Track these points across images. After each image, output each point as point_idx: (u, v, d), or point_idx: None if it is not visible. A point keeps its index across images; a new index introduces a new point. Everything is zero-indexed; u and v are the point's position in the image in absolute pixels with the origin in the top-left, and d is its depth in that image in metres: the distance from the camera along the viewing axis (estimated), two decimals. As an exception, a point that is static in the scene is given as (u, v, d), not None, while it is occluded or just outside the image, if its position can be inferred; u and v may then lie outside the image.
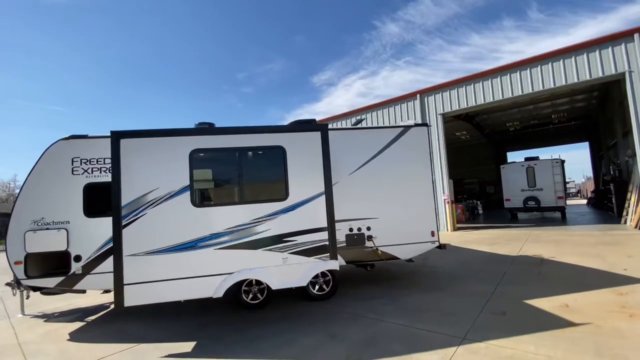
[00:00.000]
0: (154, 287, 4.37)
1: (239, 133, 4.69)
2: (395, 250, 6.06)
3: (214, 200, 4.61)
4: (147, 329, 4.99)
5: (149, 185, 4.48)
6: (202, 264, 4.47)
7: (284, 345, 4.09)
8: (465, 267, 7.57)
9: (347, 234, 5.91)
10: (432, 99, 14.93)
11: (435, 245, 6.24)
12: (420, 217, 6.23)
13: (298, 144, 4.84)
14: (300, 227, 4.74)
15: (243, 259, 4.55)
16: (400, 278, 6.64)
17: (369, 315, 4.84)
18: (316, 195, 4.80)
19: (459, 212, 17.78)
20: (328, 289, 5.71)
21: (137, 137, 4.52)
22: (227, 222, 4.57)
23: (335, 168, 5.94)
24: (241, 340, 4.32)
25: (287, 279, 4.65)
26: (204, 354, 4.04)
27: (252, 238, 4.60)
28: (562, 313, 4.43)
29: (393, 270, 7.36)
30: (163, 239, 4.43)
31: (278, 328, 4.61)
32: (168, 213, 4.48)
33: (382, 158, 6.15)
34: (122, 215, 4.37)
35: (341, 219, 5.90)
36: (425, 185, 6.29)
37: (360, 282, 6.66)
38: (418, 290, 5.90)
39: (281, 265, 4.63)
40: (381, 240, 6.02)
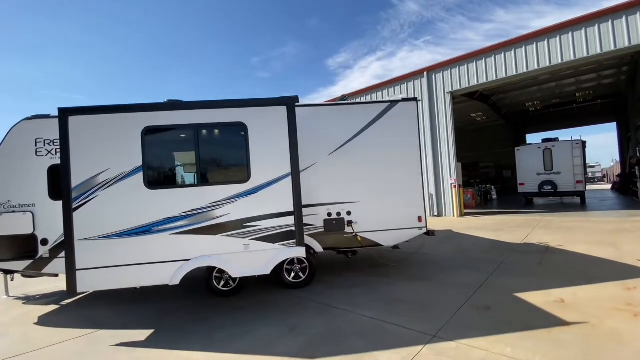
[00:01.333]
0: (107, 272, 4.14)
1: (195, 108, 4.29)
2: (378, 236, 5.61)
3: (169, 182, 4.28)
4: (114, 314, 4.84)
5: (99, 166, 4.19)
6: (157, 250, 4.20)
7: (240, 336, 3.80)
8: (461, 255, 7.04)
9: (326, 219, 5.50)
10: (440, 76, 13.96)
11: (423, 231, 5.74)
12: (406, 201, 5.72)
13: (261, 120, 4.40)
14: (263, 211, 4.36)
15: (201, 245, 4.24)
16: (387, 266, 6.22)
17: (341, 306, 4.48)
18: (281, 177, 4.38)
19: (469, 197, 16.97)
20: (304, 276, 5.37)
21: (87, 114, 4.21)
22: (183, 205, 4.24)
23: (313, 148, 5.49)
24: (200, 330, 4.07)
25: (248, 267, 4.33)
26: (156, 343, 3.82)
27: (210, 223, 4.27)
28: (555, 309, 3.91)
29: (384, 256, 6.93)
30: (116, 223, 4.17)
31: (241, 318, 4.33)
32: (120, 195, 4.19)
33: (365, 137, 5.62)
34: (72, 197, 4.12)
35: (319, 202, 5.50)
36: (412, 167, 5.74)
37: (343, 269, 6.29)
38: (402, 279, 5.47)
39: (242, 252, 4.30)
40: (363, 225, 5.58)
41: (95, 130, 4.22)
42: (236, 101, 4.33)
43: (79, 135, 4.19)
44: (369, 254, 6.69)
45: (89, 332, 4.26)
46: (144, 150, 4.23)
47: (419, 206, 5.72)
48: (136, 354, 3.57)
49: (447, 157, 13.83)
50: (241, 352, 3.44)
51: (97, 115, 4.22)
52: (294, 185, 4.37)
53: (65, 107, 4.18)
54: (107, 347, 3.81)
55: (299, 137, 5.44)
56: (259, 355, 3.36)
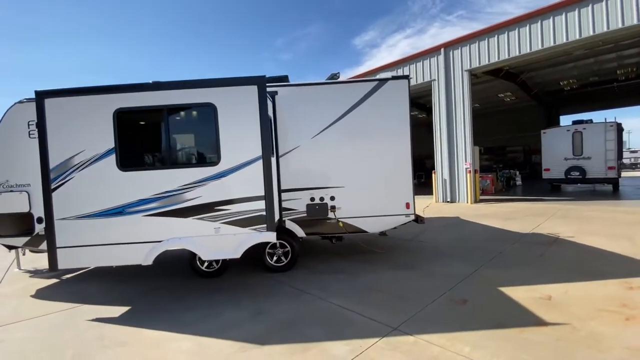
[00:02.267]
0: (85, 251, 4.28)
1: (164, 89, 4.20)
2: (363, 222, 5.41)
3: (141, 164, 4.29)
4: (103, 290, 5.04)
5: (75, 148, 4.26)
6: (130, 231, 4.27)
7: (208, 318, 3.84)
8: (459, 243, 6.69)
9: (308, 203, 5.36)
10: (458, 53, 12.99)
11: (410, 218, 5.46)
12: (393, 186, 5.43)
13: (231, 101, 4.24)
14: (234, 195, 4.28)
15: (172, 227, 4.26)
16: (376, 253, 6.02)
17: (314, 292, 4.39)
18: (252, 161, 4.25)
19: (488, 182, 16.12)
20: (286, 260, 5.32)
21: (62, 96, 4.25)
22: (155, 187, 4.25)
23: (296, 130, 5.30)
24: (173, 309, 4.15)
25: (219, 250, 4.31)
26: (127, 320, 3.94)
27: (181, 205, 4.26)
28: (537, 307, 3.59)
29: (374, 243, 6.73)
30: (92, 204, 4.26)
31: (216, 299, 4.37)
32: (95, 177, 4.26)
33: (351, 118, 5.33)
34: (50, 178, 4.24)
35: (302, 187, 5.36)
36: (401, 150, 5.40)
37: (330, 255, 6.17)
38: (387, 268, 5.27)
39: (213, 235, 4.28)
40: (347, 211, 5.38)
41: (70, 112, 4.26)
42: (205, 81, 4.19)
43: (55, 117, 4.25)
44: (356, 241, 6.52)
45: (74, 306, 4.47)
46: (116, 132, 4.24)
47: (407, 192, 5.41)
48: (104, 330, 3.69)
49: (463, 140, 13.07)
50: (200, 333, 3.46)
51: (71, 97, 4.25)
52: (265, 168, 4.23)
53: (41, 90, 4.25)
54: (83, 321, 3.97)
55: (281, 119, 5.27)
56: (215, 338, 3.36)
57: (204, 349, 3.16)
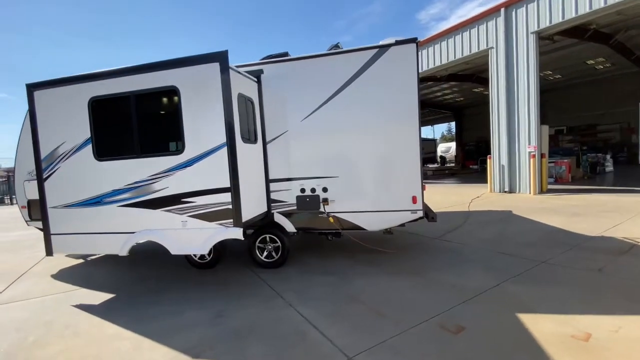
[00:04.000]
0: (74, 239, 4.42)
1: (129, 74, 3.98)
2: (360, 218, 4.67)
3: (113, 154, 4.19)
4: (104, 275, 5.22)
5: (59, 138, 4.34)
6: (108, 221, 4.26)
7: (165, 316, 3.66)
8: (492, 245, 5.48)
9: (298, 195, 4.80)
10: (522, 11, 10.68)
11: (418, 215, 4.53)
12: (397, 177, 4.54)
13: (193, 83, 3.84)
14: (199, 186, 3.94)
15: (143, 219, 4.12)
16: (385, 253, 5.21)
17: (288, 297, 3.90)
18: (216, 148, 3.83)
19: (563, 168, 13.47)
20: (277, 256, 4.90)
21: (47, 87, 4.33)
22: (127, 177, 4.13)
23: (283, 112, 4.73)
24: (147, 302, 4.07)
25: (187, 245, 4.05)
26: (98, 310, 3.94)
27: (150, 197, 4.08)
28: (561, 352, 2.56)
29: (393, 240, 5.90)
30: (75, 194, 4.34)
31: (187, 294, 4.18)
32: (76, 167, 4.31)
33: (346, 95, 4.54)
34: (42, 168, 4.41)
35: (291, 177, 4.82)
36: (407, 133, 4.45)
37: (333, 251, 5.56)
38: (388, 273, 4.50)
39: (180, 229, 4.03)
40: (341, 205, 4.69)
41: (54, 103, 4.34)
42: (165, 62, 3.85)
43: (43, 108, 4.37)
44: (368, 236, 5.75)
45: (73, 289, 4.69)
46: (91, 122, 4.19)
47: (414, 184, 4.47)
48: (75, 318, 3.73)
49: (526, 119, 10.93)
50: (148, 334, 3.26)
51: (55, 87, 4.31)
52: (230, 157, 3.78)
53: (31, 82, 4.38)
54: (67, 307, 4.10)
55: (268, 101, 4.74)
56: (156, 341, 3.12)
57: (135, 355, 2.92)
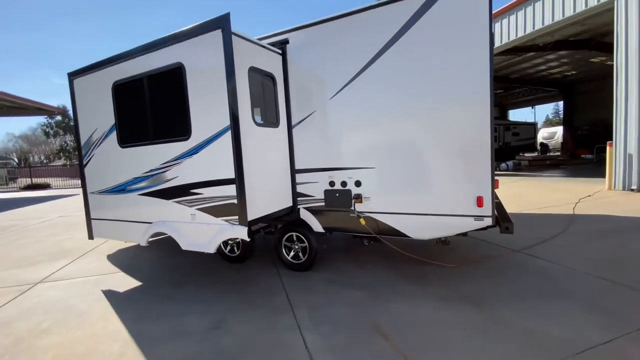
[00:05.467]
0: (108, 225, 4.50)
1: (141, 53, 3.68)
2: (400, 222, 3.64)
3: (132, 140, 4.00)
4: (147, 261, 5.20)
5: (93, 125, 4.40)
6: (131, 209, 4.17)
7: (166, 318, 3.33)
8: (606, 270, 3.80)
9: (327, 189, 4.01)
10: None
11: (485, 223, 3.27)
12: (454, 170, 3.34)
13: (197, 56, 3.32)
14: (205, 176, 3.46)
15: (159, 209, 3.88)
16: (443, 266, 4.06)
17: (300, 315, 3.23)
18: (220, 133, 3.27)
19: None
20: (304, 258, 4.26)
21: (83, 75, 4.40)
22: (144, 165, 3.93)
23: (309, 89, 3.96)
24: (161, 296, 3.87)
25: (195, 241, 3.65)
26: (117, 300, 3.86)
27: (164, 186, 3.80)
28: None
29: (456, 249, 4.67)
30: (105, 180, 4.37)
31: (198, 293, 3.84)
32: (106, 154, 4.31)
33: (386, 62, 3.50)
34: (82, 154, 4.56)
35: (319, 167, 4.05)
36: (471, 113, 3.20)
37: (373, 258, 4.62)
38: (438, 296, 3.42)
39: (190, 222, 3.65)
40: (377, 203, 3.74)
41: (89, 90, 4.39)
42: (169, 36, 3.41)
43: (81, 96, 4.47)
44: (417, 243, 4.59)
45: (112, 272, 4.77)
46: (115, 107, 4.09)
47: (481, 181, 3.22)
48: (92, 306, 3.71)
49: None
50: (140, 337, 2.99)
51: (89, 74, 4.34)
52: (234, 143, 3.19)
53: (71, 71, 4.50)
54: (97, 291, 4.16)
55: (293, 77, 4.03)
56: (142, 349, 2.79)
57: (112, 365, 2.62)
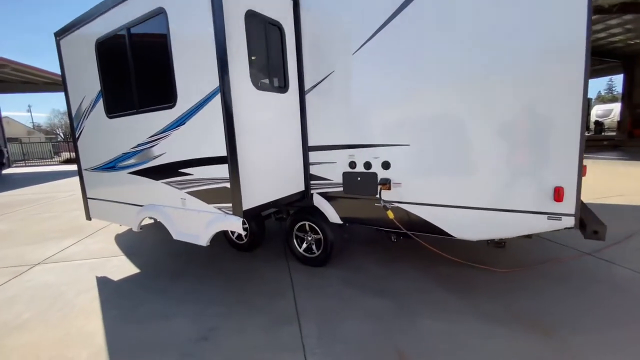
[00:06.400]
0: (102, 205, 4.05)
1: (119, 2, 2.97)
2: (441, 217, 2.79)
3: (119, 109, 3.39)
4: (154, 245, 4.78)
5: (81, 93, 3.85)
6: (122, 189, 3.66)
7: (153, 321, 2.83)
8: None
9: (346, 171, 3.22)
10: None
11: (564, 224, 2.35)
12: (524, 151, 2.40)
13: (182, 1, 2.56)
14: (194, 153, 2.80)
15: (149, 191, 3.32)
16: (491, 271, 3.21)
17: (306, 328, 2.58)
18: (208, 97, 2.55)
19: None
20: (318, 252, 3.59)
21: (69, 33, 3.81)
22: (132, 139, 3.34)
23: (328, 44, 3.11)
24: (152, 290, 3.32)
25: (186, 230, 3.05)
26: (108, 290, 3.44)
27: (152, 164, 3.20)
28: None
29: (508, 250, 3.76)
30: (99, 156, 3.86)
31: (193, 291, 3.29)
32: (95, 126, 3.78)
33: (424, 4, 2.56)
34: (74, 126, 4.08)
35: (337, 143, 3.25)
36: (553, 72, 2.21)
37: (404, 256, 3.84)
38: (483, 311, 2.63)
39: (180, 208, 3.04)
40: (411, 191, 2.90)
41: (75, 51, 3.82)
42: (147, -28, 2.66)
43: (68, 58, 3.92)
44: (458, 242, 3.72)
45: (114, 255, 4.34)
46: (99, 70, 3.49)
47: (563, 165, 2.28)
48: (83, 297, 3.31)
49: None
50: (113, 344, 2.52)
51: (74, 32, 3.74)
52: (224, 110, 2.46)
53: (58, 29, 3.93)
54: (91, 278, 3.76)
55: (307, 31, 3.17)
56: None
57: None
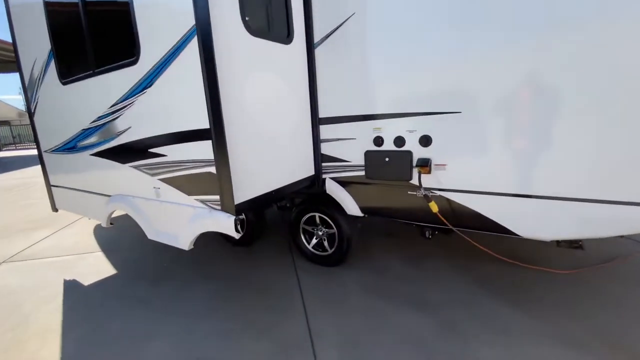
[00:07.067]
0: (67, 194, 3.35)
1: None
2: (504, 210, 2.08)
3: (74, 72, 2.64)
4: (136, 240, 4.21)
5: (33, 55, 3.08)
6: (85, 175, 2.96)
7: (124, 342, 2.22)
8: None
9: (370, 150, 2.48)
10: None
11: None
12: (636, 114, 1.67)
13: None
14: (166, 125, 2.07)
15: (116, 177, 2.61)
16: (555, 273, 2.54)
17: (324, 353, 1.91)
18: (181, 43, 1.80)
19: None
20: (331, 249, 2.91)
21: (12, -20, 2.99)
22: (90, 110, 2.61)
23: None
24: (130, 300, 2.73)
25: (162, 228, 2.36)
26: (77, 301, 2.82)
27: (116, 142, 2.47)
28: None
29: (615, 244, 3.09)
30: (55, 134, 3.14)
31: (178, 300, 2.65)
32: (50, 95, 3.03)
33: None
34: (29, 97, 3.32)
35: (356, 113, 2.51)
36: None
37: (439, 254, 3.17)
38: (561, 336, 1.98)
39: (154, 200, 2.34)
40: (463, 176, 2.18)
41: (23, 4, 3.00)
42: None
43: (16, 12, 3.12)
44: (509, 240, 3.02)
45: (90, 251, 3.76)
46: (47, 20, 2.71)
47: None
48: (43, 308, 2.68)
49: None
50: None
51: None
52: (204, 59, 1.71)
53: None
54: (58, 280, 3.15)
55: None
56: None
57: None
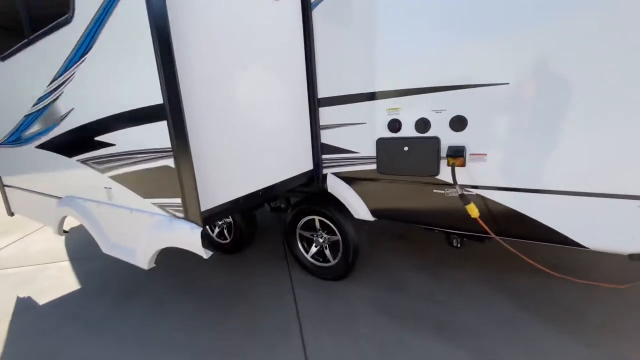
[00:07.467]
0: (20, 196, 2.82)
1: None
2: (566, 214, 1.54)
3: (10, 44, 2.10)
4: None
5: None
6: (35, 173, 2.42)
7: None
8: None
9: (383, 138, 1.93)
10: None
11: None
12: None
13: None
14: (112, 104, 1.53)
15: (64, 175, 2.08)
16: (608, 291, 2.02)
17: None
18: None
19: None
20: (334, 260, 2.39)
21: None
22: (30, 90, 2.07)
23: None
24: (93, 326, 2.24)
25: (117, 240, 1.83)
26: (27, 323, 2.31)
27: (59, 130, 1.94)
28: None
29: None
30: (2, 124, 2.58)
31: (143, 327, 2.13)
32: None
33: None
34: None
35: (365, 91, 1.94)
36: None
37: (470, 267, 2.65)
38: None
39: (105, 203, 1.81)
40: (508, 171, 1.63)
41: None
42: None
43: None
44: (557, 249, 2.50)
45: (53, 261, 3.28)
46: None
47: None
48: None
49: None
50: None
51: None
52: (151, 4, 1.17)
53: None
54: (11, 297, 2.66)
55: None
56: None
57: None
